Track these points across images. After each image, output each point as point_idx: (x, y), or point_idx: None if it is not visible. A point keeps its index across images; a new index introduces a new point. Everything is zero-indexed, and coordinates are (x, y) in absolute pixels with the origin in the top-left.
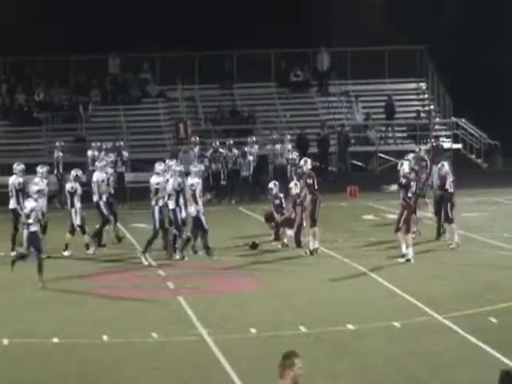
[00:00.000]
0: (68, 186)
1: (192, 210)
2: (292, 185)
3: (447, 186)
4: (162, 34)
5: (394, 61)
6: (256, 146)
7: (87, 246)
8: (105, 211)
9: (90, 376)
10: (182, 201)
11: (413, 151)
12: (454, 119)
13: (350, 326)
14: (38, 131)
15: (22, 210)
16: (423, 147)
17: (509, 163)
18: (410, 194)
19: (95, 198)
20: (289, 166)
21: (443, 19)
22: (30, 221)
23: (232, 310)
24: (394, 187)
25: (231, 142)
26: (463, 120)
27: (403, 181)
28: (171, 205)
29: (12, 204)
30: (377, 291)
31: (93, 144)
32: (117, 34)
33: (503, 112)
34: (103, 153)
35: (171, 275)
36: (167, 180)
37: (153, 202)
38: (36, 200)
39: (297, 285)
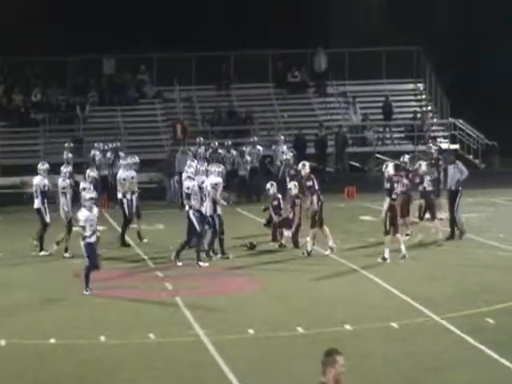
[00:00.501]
0: (61, 184)
1: (208, 209)
2: (291, 185)
3: (425, 184)
4: (159, 35)
5: (391, 61)
6: (258, 147)
7: (57, 243)
8: (126, 210)
9: (89, 377)
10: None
11: (408, 152)
12: (451, 120)
13: (348, 327)
14: (36, 132)
15: (45, 210)
16: (434, 147)
17: (506, 164)
18: (394, 196)
19: (119, 195)
20: (282, 167)
21: (440, 20)
22: (87, 233)
23: (230, 310)
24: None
25: (229, 142)
26: (461, 121)
27: (387, 185)
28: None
29: (37, 204)
30: (374, 292)
31: (95, 144)
32: (114, 35)
33: (501, 112)
34: (122, 153)
35: (169, 276)
36: (203, 181)
37: (186, 207)
38: (90, 209)
39: (294, 285)
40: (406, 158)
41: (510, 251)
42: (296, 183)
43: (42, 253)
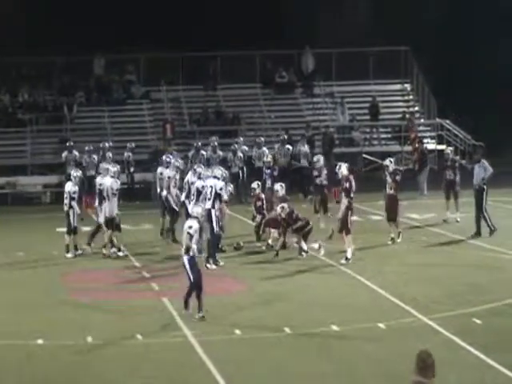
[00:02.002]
0: (72, 189)
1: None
2: (278, 187)
3: (322, 179)
4: (146, 36)
5: (378, 62)
6: (244, 147)
7: (67, 248)
8: (174, 206)
9: (76, 378)
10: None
11: (396, 153)
12: (438, 120)
13: (335, 328)
14: (23, 132)
15: (74, 213)
16: (450, 148)
17: (493, 164)
18: (352, 195)
19: (164, 192)
20: (264, 168)
21: (428, 20)
22: (194, 246)
23: (217, 311)
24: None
25: (216, 143)
26: (447, 121)
27: (346, 184)
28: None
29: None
30: (361, 292)
31: (86, 148)
32: (101, 35)
33: (488, 112)
34: (109, 153)
35: (155, 276)
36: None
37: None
38: (199, 221)
39: (281, 286)
40: (388, 161)
41: (496, 252)
42: (282, 184)
43: (79, 252)
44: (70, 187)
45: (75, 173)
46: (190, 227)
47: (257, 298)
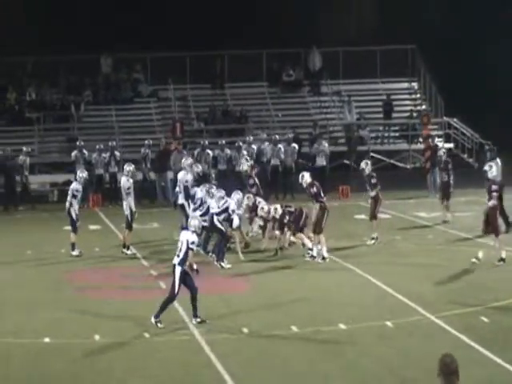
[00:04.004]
0: (74, 187)
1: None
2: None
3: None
4: (154, 34)
5: (385, 60)
6: (253, 146)
7: (73, 246)
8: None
9: (82, 376)
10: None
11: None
12: (445, 119)
13: (342, 326)
14: (30, 131)
15: (189, 206)
16: (443, 149)
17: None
18: (322, 198)
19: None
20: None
21: (434, 18)
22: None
23: (224, 309)
24: None
25: (223, 141)
26: (455, 119)
27: (313, 190)
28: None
29: (180, 199)
30: (369, 291)
31: (96, 147)
32: (109, 34)
33: (496, 111)
34: (117, 152)
35: (163, 274)
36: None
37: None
38: (197, 234)
39: (288, 285)
40: (363, 163)
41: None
42: (249, 195)
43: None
44: (73, 185)
45: (81, 173)
46: (193, 243)
47: (264, 296)
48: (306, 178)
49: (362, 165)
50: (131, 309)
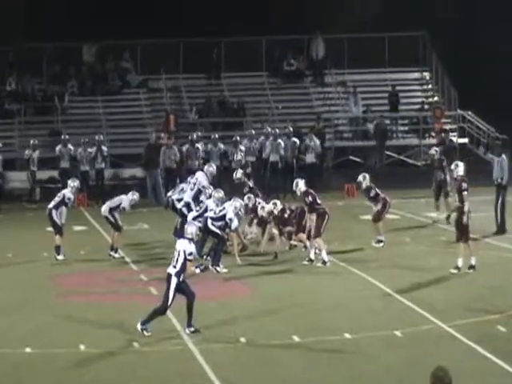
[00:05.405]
0: (67, 195)
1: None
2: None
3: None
4: (143, 20)
5: (394, 48)
6: (256, 141)
7: (58, 250)
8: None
9: None
10: None
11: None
12: (460, 112)
13: (347, 335)
14: (10, 124)
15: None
16: (435, 148)
17: None
18: (318, 206)
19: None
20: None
21: (447, 2)
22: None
23: (220, 317)
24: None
25: (216, 135)
26: (470, 113)
27: (308, 199)
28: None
29: (186, 197)
30: (376, 297)
31: (82, 140)
32: (94, 20)
33: None
34: (104, 147)
35: (154, 280)
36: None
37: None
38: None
39: (289, 290)
40: (361, 176)
41: None
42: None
43: None
44: (66, 192)
45: (72, 183)
46: (190, 254)
47: (263, 302)
48: (300, 185)
49: (360, 178)
50: (119, 316)
